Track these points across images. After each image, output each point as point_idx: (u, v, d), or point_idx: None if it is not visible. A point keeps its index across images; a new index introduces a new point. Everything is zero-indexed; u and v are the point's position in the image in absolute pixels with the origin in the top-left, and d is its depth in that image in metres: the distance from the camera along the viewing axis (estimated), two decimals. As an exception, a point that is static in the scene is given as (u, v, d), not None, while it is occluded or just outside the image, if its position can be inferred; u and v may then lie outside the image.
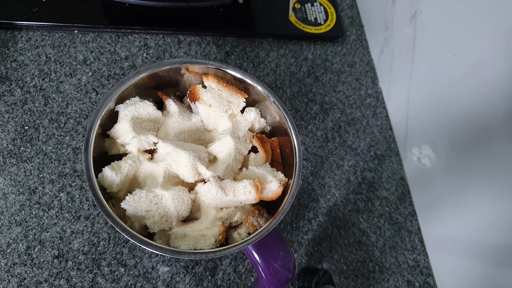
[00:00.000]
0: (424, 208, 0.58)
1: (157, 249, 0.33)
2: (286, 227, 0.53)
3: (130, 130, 0.38)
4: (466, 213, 0.50)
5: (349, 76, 0.66)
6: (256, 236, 0.35)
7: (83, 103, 0.51)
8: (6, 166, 0.46)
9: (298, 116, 0.60)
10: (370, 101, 0.65)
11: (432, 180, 0.56)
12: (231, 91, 0.41)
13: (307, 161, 0.58)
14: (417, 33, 0.55)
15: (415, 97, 0.58)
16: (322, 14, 0.67)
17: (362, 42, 0.70)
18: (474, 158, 0.48)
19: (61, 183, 0.46)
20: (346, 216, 0.56)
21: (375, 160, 0.61)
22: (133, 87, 0.39)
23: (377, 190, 0.59)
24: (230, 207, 0.39)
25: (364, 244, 0.55)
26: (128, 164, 0.37)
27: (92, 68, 0.53)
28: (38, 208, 0.45)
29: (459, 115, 0.49)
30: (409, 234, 0.58)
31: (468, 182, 0.49)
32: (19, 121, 0.48)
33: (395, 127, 0.64)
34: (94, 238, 0.45)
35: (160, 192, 0.36)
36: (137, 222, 0.36)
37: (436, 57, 0.52)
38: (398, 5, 0.59)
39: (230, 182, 0.37)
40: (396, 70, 0.62)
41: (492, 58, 0.43)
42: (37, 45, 0.52)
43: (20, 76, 0.50)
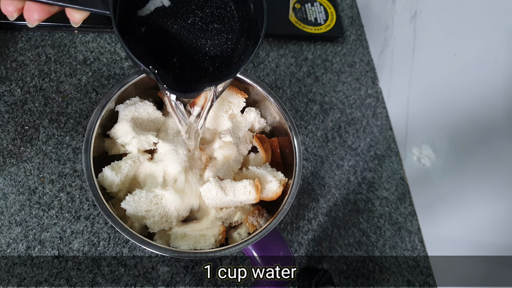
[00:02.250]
0: (424, 208, 0.58)
1: (157, 249, 0.33)
2: (286, 227, 0.53)
3: (130, 130, 0.38)
4: (466, 213, 0.50)
5: (349, 76, 0.66)
6: (256, 236, 0.35)
7: (83, 103, 0.51)
8: (6, 166, 0.46)
9: (298, 116, 0.60)
10: (370, 101, 0.65)
11: (432, 180, 0.56)
12: (231, 91, 0.41)
13: (307, 161, 0.58)
14: (417, 33, 0.55)
15: (415, 97, 0.58)
16: (322, 14, 0.67)
17: (362, 42, 0.70)
18: (474, 158, 0.48)
19: (61, 183, 0.46)
20: (346, 216, 0.56)
21: (375, 160, 0.61)
22: (133, 87, 0.39)
23: (377, 190, 0.59)
24: (230, 207, 0.39)
25: (364, 244, 0.55)
26: (128, 164, 0.37)
27: (92, 68, 0.53)
28: (38, 208, 0.45)
29: (459, 115, 0.49)
30: (409, 234, 0.58)
31: (468, 182, 0.49)
32: (19, 121, 0.48)
33: (395, 127, 0.64)
34: (94, 238, 0.45)
35: (160, 192, 0.36)
36: (137, 222, 0.36)
37: (436, 57, 0.52)
38: (398, 5, 0.59)
39: (230, 182, 0.37)
40: (396, 70, 0.62)
41: (492, 58, 0.43)
42: (37, 45, 0.52)
43: (20, 76, 0.50)
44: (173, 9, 0.28)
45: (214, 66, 0.30)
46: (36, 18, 0.25)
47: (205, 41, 0.29)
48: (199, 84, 0.28)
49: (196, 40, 0.29)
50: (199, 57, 0.29)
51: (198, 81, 0.29)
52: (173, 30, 0.28)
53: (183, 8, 0.29)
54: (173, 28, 0.28)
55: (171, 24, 0.28)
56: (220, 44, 0.29)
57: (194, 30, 0.29)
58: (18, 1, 0.24)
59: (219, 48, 0.29)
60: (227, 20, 0.30)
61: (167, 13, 0.28)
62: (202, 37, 0.29)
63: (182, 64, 0.29)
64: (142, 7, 0.28)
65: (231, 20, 0.30)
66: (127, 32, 0.27)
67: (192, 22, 0.29)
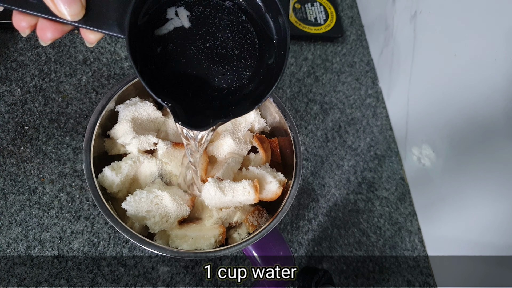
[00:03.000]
0: (424, 208, 0.58)
1: (157, 249, 0.33)
2: (286, 227, 0.53)
3: (130, 130, 0.38)
4: (466, 213, 0.50)
5: (349, 76, 0.66)
6: (256, 236, 0.35)
7: (83, 103, 0.51)
8: (6, 166, 0.46)
9: (298, 116, 0.60)
10: (370, 101, 0.65)
11: (432, 180, 0.56)
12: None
13: (307, 161, 0.58)
14: (417, 33, 0.55)
15: (415, 97, 0.58)
16: (322, 14, 0.67)
17: (362, 42, 0.70)
18: (474, 158, 0.48)
19: (61, 183, 0.46)
20: (346, 216, 0.56)
21: (375, 160, 0.61)
22: (133, 87, 0.39)
23: (377, 190, 0.59)
24: (230, 207, 0.39)
25: (364, 244, 0.55)
26: (128, 164, 0.37)
27: (92, 68, 0.53)
28: (38, 208, 0.45)
29: (459, 115, 0.49)
30: (409, 234, 0.58)
31: (468, 182, 0.49)
32: (19, 121, 0.48)
33: (395, 127, 0.64)
34: (94, 238, 0.45)
35: (160, 193, 0.36)
36: (138, 223, 0.36)
37: (436, 57, 0.52)
38: (398, 5, 0.59)
39: (229, 182, 0.37)
40: (396, 70, 0.62)
41: (492, 58, 0.43)
42: (37, 45, 0.52)
43: (20, 76, 0.50)
44: (192, 30, 0.27)
45: (228, 98, 0.28)
46: (49, 37, 0.24)
47: (222, 66, 0.27)
48: (212, 120, 0.27)
49: (213, 65, 0.27)
50: (214, 85, 0.28)
51: (211, 115, 0.27)
52: (190, 52, 0.27)
53: (203, 30, 0.27)
54: (191, 50, 0.27)
55: (188, 45, 0.27)
56: (238, 72, 0.28)
57: (212, 55, 0.27)
58: (31, 18, 0.24)
59: (236, 76, 0.28)
60: (247, 47, 0.28)
61: (186, 34, 0.27)
62: (220, 62, 0.27)
63: (195, 95, 0.27)
64: (160, 27, 0.26)
65: (251, 48, 0.28)
66: (141, 51, 0.25)
67: (211, 46, 0.27)
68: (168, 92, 0.27)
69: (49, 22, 0.24)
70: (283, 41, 0.27)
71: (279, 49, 0.28)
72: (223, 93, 0.28)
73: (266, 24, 0.28)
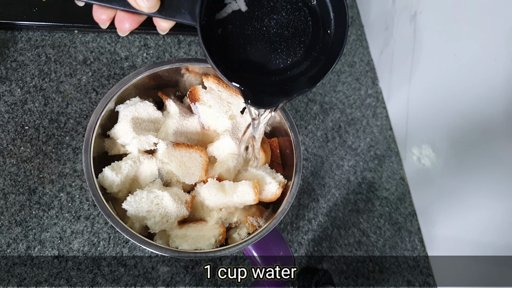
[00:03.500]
0: (424, 208, 0.58)
1: (157, 249, 0.33)
2: (286, 227, 0.53)
3: (131, 130, 0.38)
4: (466, 213, 0.50)
5: (349, 76, 0.66)
6: (256, 236, 0.35)
7: (83, 103, 0.51)
8: (6, 166, 0.46)
9: (298, 116, 0.60)
10: (370, 101, 0.65)
11: (432, 180, 0.56)
12: (231, 92, 0.41)
13: (307, 161, 0.58)
14: (417, 33, 0.55)
15: (415, 97, 0.58)
16: (322, 14, 0.67)
17: (362, 42, 0.70)
18: (474, 158, 0.48)
19: (61, 183, 0.46)
20: (346, 216, 0.56)
21: (375, 160, 0.61)
22: (133, 87, 0.39)
23: (377, 190, 0.59)
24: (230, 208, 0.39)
25: (364, 244, 0.55)
26: (128, 164, 0.37)
27: (92, 68, 0.53)
28: (38, 208, 0.45)
29: (459, 115, 0.49)
30: (409, 234, 0.58)
31: (468, 182, 0.49)
32: (19, 121, 0.48)
33: (395, 127, 0.64)
34: (94, 238, 0.45)
35: (161, 193, 0.36)
36: (138, 223, 0.36)
37: (436, 57, 0.52)
38: (398, 5, 0.59)
39: (229, 183, 0.37)
40: (396, 70, 0.62)
41: (492, 58, 0.43)
42: (37, 45, 0.52)
43: (20, 76, 0.50)
44: (249, 13, 0.29)
45: (286, 73, 0.30)
46: (127, 27, 0.26)
47: (278, 44, 0.29)
48: (276, 98, 0.29)
49: (270, 43, 0.29)
50: (271, 62, 0.30)
51: (274, 93, 0.29)
52: (249, 31, 0.29)
53: (259, 12, 0.29)
54: (249, 30, 0.29)
55: (246, 26, 0.29)
56: (293, 48, 0.30)
57: (268, 34, 0.29)
58: (110, 11, 0.26)
59: (292, 51, 0.30)
60: (301, 24, 0.30)
61: (243, 16, 0.29)
62: (276, 40, 0.29)
63: (256, 73, 0.29)
64: (220, 10, 0.28)
65: (304, 25, 0.30)
66: (205, 34, 0.27)
67: (267, 26, 0.29)
68: (234, 75, 0.28)
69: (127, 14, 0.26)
70: (341, 17, 0.29)
71: (337, 26, 0.29)
72: (280, 67, 0.30)
73: (322, 2, 0.29)
